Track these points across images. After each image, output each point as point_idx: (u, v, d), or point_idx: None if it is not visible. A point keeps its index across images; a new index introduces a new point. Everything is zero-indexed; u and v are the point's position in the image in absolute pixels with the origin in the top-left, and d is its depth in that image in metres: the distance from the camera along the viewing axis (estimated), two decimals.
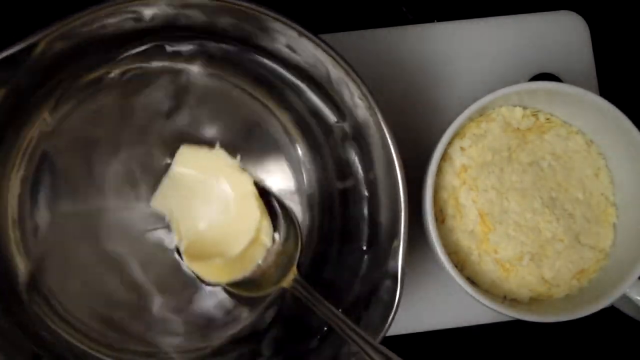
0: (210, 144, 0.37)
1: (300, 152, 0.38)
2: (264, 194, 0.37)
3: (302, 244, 0.37)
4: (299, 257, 0.36)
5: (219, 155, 0.36)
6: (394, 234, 0.33)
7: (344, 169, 0.37)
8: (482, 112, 0.37)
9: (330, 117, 0.36)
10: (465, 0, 0.44)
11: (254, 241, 0.36)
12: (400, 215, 0.32)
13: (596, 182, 0.37)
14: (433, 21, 0.43)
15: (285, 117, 0.38)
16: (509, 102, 0.37)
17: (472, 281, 0.37)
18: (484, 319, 0.40)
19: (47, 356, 0.34)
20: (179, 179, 0.36)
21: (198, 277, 0.36)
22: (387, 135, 0.32)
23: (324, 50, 0.32)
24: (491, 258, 0.36)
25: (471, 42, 0.42)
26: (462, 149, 0.37)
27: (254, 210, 0.36)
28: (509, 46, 0.42)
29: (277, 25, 0.32)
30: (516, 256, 0.36)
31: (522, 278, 0.36)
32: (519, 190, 0.36)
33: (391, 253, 0.33)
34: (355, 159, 0.36)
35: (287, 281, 0.35)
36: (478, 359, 0.43)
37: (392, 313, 0.32)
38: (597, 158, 0.37)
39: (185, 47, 0.36)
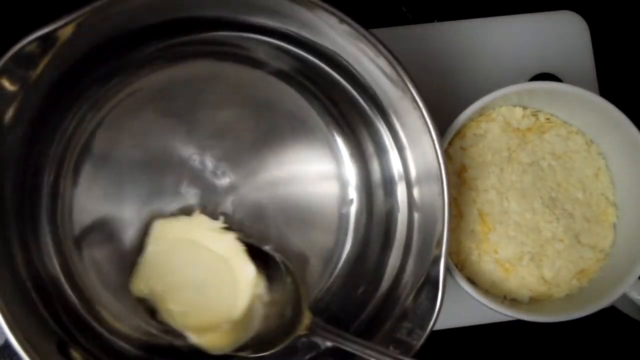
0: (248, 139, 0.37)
1: (340, 144, 0.38)
2: (250, 249, 0.36)
3: (305, 288, 0.36)
4: (308, 301, 0.35)
5: (199, 220, 0.36)
6: (435, 241, 0.32)
7: (386, 169, 0.37)
8: (482, 112, 0.37)
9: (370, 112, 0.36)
10: (465, 0, 0.44)
11: (252, 298, 0.35)
12: (444, 222, 0.32)
13: (596, 182, 0.37)
14: (433, 21, 0.43)
15: (326, 110, 0.38)
16: (509, 102, 0.37)
17: (472, 281, 0.37)
18: (484, 319, 0.40)
19: (74, 343, 0.34)
20: (158, 256, 0.35)
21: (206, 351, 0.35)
22: (435, 138, 0.32)
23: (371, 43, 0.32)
24: (491, 258, 0.36)
25: (471, 42, 0.42)
26: (462, 149, 0.37)
27: (248, 266, 0.35)
28: (509, 46, 0.42)
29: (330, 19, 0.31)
30: (516, 256, 0.36)
31: (522, 278, 0.36)
32: (519, 190, 0.36)
33: (432, 259, 0.32)
34: (396, 156, 0.36)
35: (303, 327, 0.34)
36: (478, 359, 0.43)
37: (433, 319, 0.31)
38: (597, 158, 0.37)
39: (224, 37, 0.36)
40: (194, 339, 0.34)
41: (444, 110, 0.42)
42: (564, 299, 0.37)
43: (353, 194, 0.38)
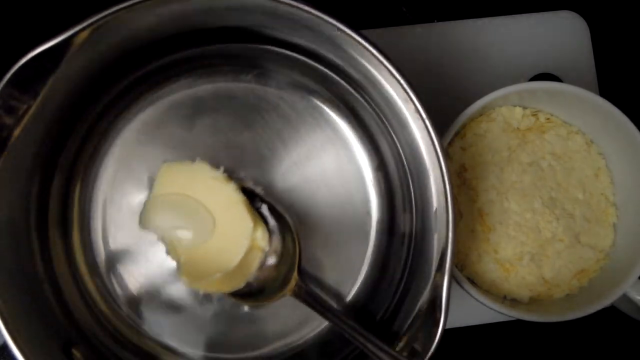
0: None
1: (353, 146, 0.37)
2: (254, 200, 0.36)
3: (299, 249, 0.36)
4: (299, 262, 0.35)
5: (201, 168, 0.36)
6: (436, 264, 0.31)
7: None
8: (482, 112, 0.37)
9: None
10: (465, 0, 0.44)
11: (251, 248, 0.35)
12: (448, 250, 0.30)
13: (596, 182, 0.37)
14: (433, 21, 0.43)
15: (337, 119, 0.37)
16: (509, 102, 0.37)
17: (472, 281, 0.37)
18: (484, 319, 0.40)
19: (83, 343, 0.34)
20: (163, 198, 0.36)
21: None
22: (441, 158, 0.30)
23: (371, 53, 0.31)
24: (491, 258, 0.36)
25: (471, 42, 0.42)
26: (462, 148, 0.37)
27: (246, 218, 0.35)
28: (509, 46, 0.42)
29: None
30: (516, 256, 0.36)
31: (522, 278, 0.36)
32: (519, 190, 0.36)
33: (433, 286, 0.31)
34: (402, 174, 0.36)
35: (290, 288, 0.34)
36: (478, 359, 0.43)
37: (439, 332, 0.30)
38: (597, 158, 0.37)
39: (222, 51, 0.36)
40: (187, 284, 0.34)
41: (444, 110, 0.42)
42: (564, 299, 0.37)
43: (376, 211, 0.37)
